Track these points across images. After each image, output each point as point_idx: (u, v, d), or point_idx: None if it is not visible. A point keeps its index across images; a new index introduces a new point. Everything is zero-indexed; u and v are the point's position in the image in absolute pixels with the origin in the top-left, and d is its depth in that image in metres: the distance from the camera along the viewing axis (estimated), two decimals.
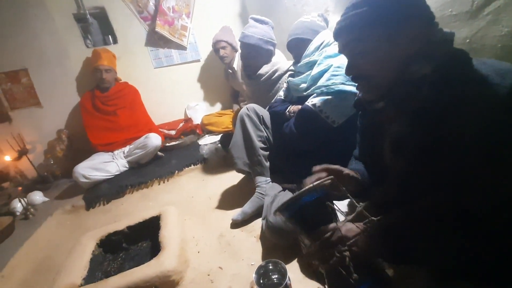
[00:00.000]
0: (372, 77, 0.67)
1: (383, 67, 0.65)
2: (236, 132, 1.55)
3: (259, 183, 1.50)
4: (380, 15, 0.61)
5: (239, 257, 1.26)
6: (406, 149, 0.62)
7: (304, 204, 0.62)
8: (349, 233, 0.62)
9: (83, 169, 2.11)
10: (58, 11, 2.45)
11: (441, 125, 0.54)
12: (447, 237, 0.53)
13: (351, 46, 0.68)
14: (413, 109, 0.60)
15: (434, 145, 0.56)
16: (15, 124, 2.48)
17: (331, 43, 1.36)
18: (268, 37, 1.69)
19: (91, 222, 1.84)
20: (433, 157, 0.56)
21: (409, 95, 0.60)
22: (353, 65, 0.70)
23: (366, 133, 0.83)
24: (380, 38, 0.62)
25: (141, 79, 2.77)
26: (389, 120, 0.69)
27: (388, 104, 0.67)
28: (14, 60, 2.39)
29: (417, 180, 0.60)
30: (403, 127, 0.63)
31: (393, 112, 0.66)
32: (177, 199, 1.90)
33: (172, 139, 2.78)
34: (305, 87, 1.35)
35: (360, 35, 0.65)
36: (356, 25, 0.65)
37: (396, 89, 0.63)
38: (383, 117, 0.70)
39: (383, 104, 0.68)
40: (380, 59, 0.64)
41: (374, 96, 0.70)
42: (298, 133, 1.31)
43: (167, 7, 2.72)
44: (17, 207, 1.97)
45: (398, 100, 0.63)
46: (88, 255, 1.34)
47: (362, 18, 0.63)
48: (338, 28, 0.69)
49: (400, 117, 0.65)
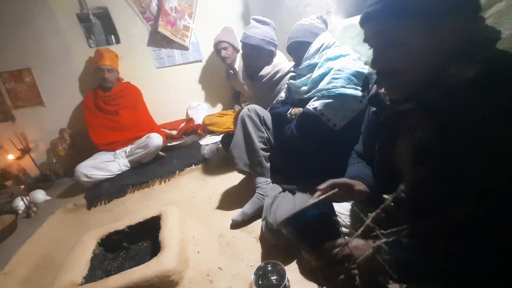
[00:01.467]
0: (402, 74, 0.58)
1: (417, 63, 0.56)
2: (237, 132, 1.56)
3: (259, 183, 1.51)
4: (423, 1, 0.52)
5: (238, 257, 1.26)
6: (429, 159, 0.55)
7: (308, 218, 0.59)
8: (356, 251, 0.56)
9: (85, 168, 2.12)
10: (61, 11, 2.47)
11: (480, 139, 0.47)
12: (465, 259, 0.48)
13: (385, 34, 0.57)
14: (446, 116, 0.52)
15: (465, 160, 0.49)
16: (18, 123, 2.50)
17: (331, 45, 1.36)
18: (270, 37, 1.69)
19: (93, 221, 1.85)
20: (461, 172, 0.49)
21: (444, 100, 0.52)
22: (382, 58, 0.60)
23: (379, 132, 0.75)
24: (420, 28, 0.53)
25: (143, 79, 2.79)
26: (414, 125, 0.61)
27: (416, 106, 0.58)
28: (17, 60, 2.41)
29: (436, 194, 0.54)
30: (430, 135, 0.56)
31: (421, 116, 0.58)
32: (177, 199, 1.91)
33: (173, 139, 2.79)
34: (306, 89, 1.35)
35: (396, 23, 0.54)
36: (393, 11, 0.54)
37: (428, 91, 0.55)
38: (408, 120, 0.62)
39: (410, 105, 0.60)
40: (416, 53, 0.55)
41: (401, 96, 0.61)
42: (300, 136, 1.32)
43: (170, 7, 2.73)
44: (19, 205, 1.99)
45: (430, 104, 0.55)
46: (89, 254, 1.35)
47: (401, 3, 0.53)
48: (369, 13, 0.58)
49: (428, 123, 0.56)
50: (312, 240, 0.60)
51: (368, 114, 0.83)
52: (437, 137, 0.54)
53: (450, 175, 0.51)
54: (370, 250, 0.55)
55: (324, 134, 1.26)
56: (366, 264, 0.55)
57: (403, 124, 0.65)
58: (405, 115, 0.62)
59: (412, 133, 0.62)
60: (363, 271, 0.54)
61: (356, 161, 0.89)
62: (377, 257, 0.54)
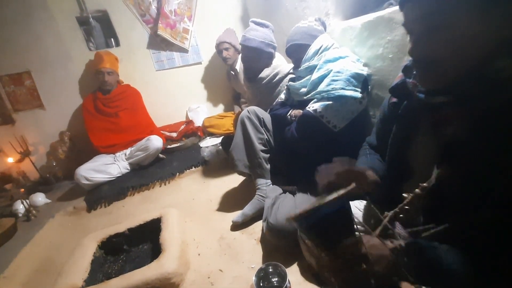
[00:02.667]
0: (444, 62, 0.52)
1: (463, 51, 0.50)
2: (237, 134, 1.56)
3: (259, 185, 1.51)
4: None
5: (239, 259, 1.26)
6: (460, 157, 0.52)
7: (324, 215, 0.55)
8: (373, 250, 0.53)
9: (85, 171, 2.12)
10: (61, 14, 2.47)
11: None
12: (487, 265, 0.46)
13: (428, 18, 0.52)
14: (488, 114, 0.48)
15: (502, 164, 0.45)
16: (18, 126, 2.50)
17: (330, 47, 1.37)
18: (269, 40, 1.70)
19: (93, 224, 1.85)
20: (493, 173, 0.46)
21: (487, 96, 0.48)
22: (424, 44, 0.54)
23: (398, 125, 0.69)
24: (470, 12, 0.48)
25: (143, 81, 2.79)
26: (444, 120, 0.56)
27: (452, 100, 0.53)
28: (17, 63, 2.41)
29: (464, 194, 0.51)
30: (464, 131, 0.51)
31: (457, 111, 0.53)
32: (178, 201, 1.91)
33: (173, 141, 2.80)
34: (305, 91, 1.36)
35: (445, 5, 0.49)
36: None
37: (470, 84, 0.50)
38: (441, 114, 0.57)
39: (444, 99, 0.55)
40: (462, 40, 0.49)
41: (437, 86, 0.56)
42: (300, 137, 1.32)
43: (169, 10, 2.74)
44: (19, 208, 1.99)
45: (470, 99, 0.50)
46: (89, 257, 1.34)
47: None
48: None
49: (464, 119, 0.52)
50: (326, 237, 0.57)
51: (385, 105, 0.78)
52: (472, 137, 0.50)
53: (482, 178, 0.48)
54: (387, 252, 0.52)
55: (324, 135, 1.27)
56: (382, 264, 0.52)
57: (429, 118, 0.60)
58: (435, 109, 0.57)
59: (439, 129, 0.58)
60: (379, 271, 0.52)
61: (368, 152, 0.84)
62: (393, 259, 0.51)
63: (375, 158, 0.82)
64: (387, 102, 0.77)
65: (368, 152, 0.86)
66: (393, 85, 0.69)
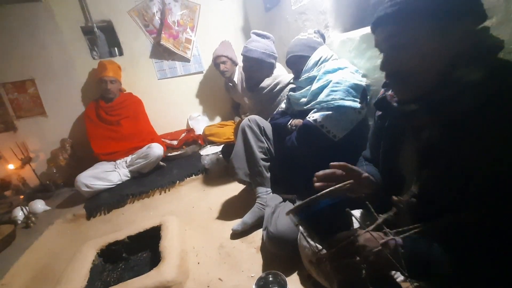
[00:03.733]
0: (412, 75, 0.60)
1: (426, 64, 0.58)
2: (237, 142, 1.58)
3: (259, 193, 1.52)
4: (435, 4, 0.55)
5: (239, 268, 1.26)
6: (436, 159, 0.58)
7: (321, 207, 0.58)
8: (368, 243, 0.56)
9: (85, 178, 2.13)
10: (66, 24, 2.53)
11: (485, 140, 0.50)
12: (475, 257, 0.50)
13: (396, 37, 0.60)
14: (453, 117, 0.54)
15: (471, 159, 0.51)
16: (20, 133, 2.52)
17: (329, 59, 1.40)
18: (270, 50, 1.74)
19: (92, 232, 1.84)
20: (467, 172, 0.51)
21: (451, 101, 0.54)
22: (393, 60, 0.62)
23: (385, 135, 0.76)
24: (431, 30, 0.56)
25: (145, 89, 2.83)
26: (420, 125, 0.63)
27: (423, 107, 0.60)
28: (22, 71, 2.45)
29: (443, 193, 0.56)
30: (436, 135, 0.58)
31: (427, 117, 0.60)
32: (178, 209, 1.91)
33: (174, 149, 2.81)
34: (305, 101, 1.38)
35: (409, 25, 0.57)
36: (406, 13, 0.57)
37: (436, 92, 0.57)
38: (414, 121, 0.64)
39: (416, 106, 0.62)
40: (426, 54, 0.57)
41: (409, 96, 0.63)
42: (300, 147, 1.34)
43: (172, 21, 2.80)
44: (18, 215, 1.98)
45: (437, 105, 0.57)
46: (88, 265, 1.34)
47: (415, 6, 0.56)
48: (383, 16, 0.61)
49: (434, 123, 0.59)
50: (323, 229, 0.60)
51: (374, 119, 0.84)
52: (443, 138, 0.56)
53: (457, 175, 0.53)
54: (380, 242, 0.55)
55: (324, 145, 1.28)
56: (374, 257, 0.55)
57: (409, 126, 0.66)
58: (411, 117, 0.64)
59: (418, 134, 0.63)
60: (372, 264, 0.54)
61: (364, 164, 0.89)
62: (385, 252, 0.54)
63: (372, 168, 0.85)
64: (375, 116, 0.83)
65: (364, 164, 0.89)
66: (376, 99, 0.76)
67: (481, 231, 0.50)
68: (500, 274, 0.48)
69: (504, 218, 0.48)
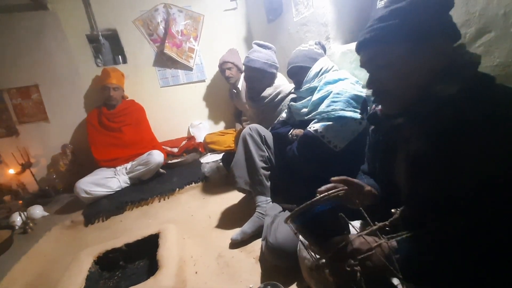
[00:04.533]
0: (394, 91, 0.66)
1: (407, 81, 0.64)
2: (238, 151, 1.58)
3: (259, 202, 1.51)
4: (409, 29, 0.61)
5: (237, 279, 1.24)
6: (423, 169, 0.61)
7: (317, 213, 0.60)
8: (362, 246, 0.58)
9: (85, 184, 2.12)
10: (72, 32, 2.58)
11: (464, 147, 0.53)
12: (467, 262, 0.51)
13: (376, 59, 0.67)
14: (435, 128, 0.58)
15: (454, 167, 0.54)
16: (21, 137, 2.53)
17: (330, 70, 1.42)
18: (272, 61, 1.76)
19: (89, 239, 1.82)
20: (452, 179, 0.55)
21: (432, 114, 0.59)
22: (376, 79, 0.69)
23: (379, 148, 0.80)
24: (407, 52, 0.62)
25: (147, 97, 2.86)
26: (406, 137, 0.67)
27: (407, 120, 0.66)
28: (26, 76, 2.48)
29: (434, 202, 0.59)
30: (421, 146, 0.61)
31: (412, 129, 0.65)
32: (177, 217, 1.89)
33: (174, 157, 2.81)
34: (306, 111, 1.39)
35: (387, 48, 0.64)
36: (383, 38, 0.64)
37: (418, 106, 0.62)
38: (401, 133, 0.69)
39: (402, 120, 0.67)
40: (405, 73, 0.63)
41: (394, 111, 0.69)
42: (301, 157, 1.34)
43: (176, 30, 2.86)
44: (16, 220, 1.97)
45: (420, 118, 0.62)
46: (85, 272, 1.32)
47: (390, 31, 0.62)
48: (363, 40, 0.68)
49: (419, 135, 0.63)
50: (319, 234, 0.61)
51: (369, 133, 0.87)
52: (427, 147, 0.60)
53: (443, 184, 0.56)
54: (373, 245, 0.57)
55: (325, 155, 1.29)
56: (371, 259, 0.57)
57: (399, 138, 0.70)
58: (398, 129, 0.69)
59: (406, 146, 0.67)
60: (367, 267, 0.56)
61: (364, 177, 0.91)
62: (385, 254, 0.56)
63: (371, 180, 0.87)
64: (370, 130, 0.87)
65: (364, 177, 0.91)
66: (368, 114, 0.82)
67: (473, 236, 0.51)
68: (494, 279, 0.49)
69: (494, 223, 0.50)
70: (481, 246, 0.51)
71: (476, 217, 0.52)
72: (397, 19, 0.61)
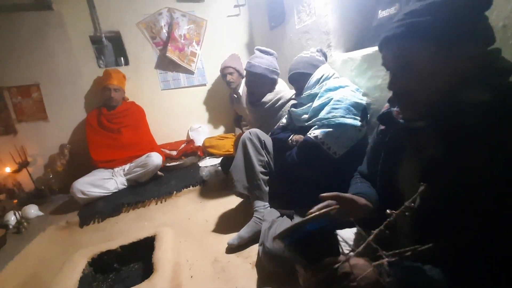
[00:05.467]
0: (418, 93, 0.61)
1: (433, 84, 0.59)
2: (237, 155, 1.58)
3: (257, 207, 1.50)
4: (442, 28, 0.55)
5: (233, 284, 1.22)
6: (437, 177, 0.56)
7: (307, 232, 0.57)
8: (356, 269, 0.54)
9: (82, 185, 2.11)
10: (76, 32, 2.59)
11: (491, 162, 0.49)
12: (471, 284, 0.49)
13: (403, 57, 0.61)
14: (460, 136, 0.54)
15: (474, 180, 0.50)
16: (20, 136, 2.51)
17: (331, 77, 1.43)
18: (273, 67, 1.78)
19: (84, 240, 1.80)
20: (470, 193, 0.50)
21: (459, 121, 0.54)
22: (400, 79, 0.63)
23: (386, 150, 0.75)
24: (438, 52, 0.57)
25: (148, 99, 2.86)
26: (422, 144, 0.63)
27: (427, 126, 0.61)
28: (27, 75, 2.48)
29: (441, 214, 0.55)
30: (440, 153, 0.57)
31: (430, 136, 0.60)
32: (173, 220, 1.88)
33: (172, 160, 2.80)
34: (306, 118, 1.40)
35: (416, 46, 0.58)
36: (413, 35, 0.58)
37: (441, 113, 0.58)
38: (415, 139, 0.64)
39: (423, 123, 0.62)
40: (432, 74, 0.58)
41: (415, 115, 0.64)
42: (300, 163, 1.35)
43: (179, 34, 2.88)
44: (10, 220, 1.94)
45: (444, 124, 0.57)
46: (78, 274, 1.30)
47: (422, 28, 0.57)
48: (391, 36, 0.62)
49: (439, 144, 0.58)
50: (310, 254, 0.58)
51: (374, 134, 0.84)
52: (447, 157, 0.55)
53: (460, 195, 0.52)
54: (370, 271, 0.53)
55: (324, 161, 1.29)
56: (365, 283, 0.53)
57: (413, 142, 0.66)
58: (416, 134, 0.64)
59: (420, 151, 0.63)
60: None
61: (359, 181, 0.88)
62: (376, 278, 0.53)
63: (365, 185, 0.84)
64: (375, 132, 0.83)
65: (359, 181, 0.89)
66: (380, 113, 0.76)
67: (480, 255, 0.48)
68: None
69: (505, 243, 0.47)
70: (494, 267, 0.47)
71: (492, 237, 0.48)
72: (431, 15, 0.56)
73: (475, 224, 0.50)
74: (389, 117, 0.73)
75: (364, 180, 0.89)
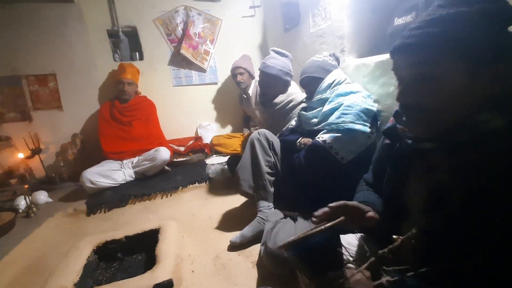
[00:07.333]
0: (432, 111, 0.54)
1: (451, 102, 0.52)
2: (245, 154, 1.59)
3: (261, 207, 1.51)
4: (470, 41, 0.48)
5: (233, 282, 1.23)
6: (448, 204, 0.52)
7: (311, 244, 0.56)
8: (357, 286, 0.53)
9: (91, 174, 2.15)
10: (94, 25, 2.66)
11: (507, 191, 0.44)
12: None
13: (419, 67, 0.53)
14: (472, 164, 0.49)
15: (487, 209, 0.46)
16: (34, 123, 2.59)
17: (342, 82, 1.43)
18: (287, 68, 1.79)
19: (90, 228, 1.84)
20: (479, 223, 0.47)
21: (472, 147, 0.49)
22: (412, 91, 0.56)
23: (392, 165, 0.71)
24: (461, 68, 0.50)
25: (160, 94, 2.91)
26: (431, 165, 0.57)
27: (439, 148, 0.55)
28: (45, 65, 2.56)
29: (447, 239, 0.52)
30: (450, 179, 0.52)
31: (441, 159, 0.55)
32: (177, 215, 1.90)
33: (180, 155, 2.83)
34: (316, 121, 1.40)
35: (436, 59, 0.51)
36: (434, 45, 0.50)
37: (455, 134, 0.52)
38: (424, 159, 0.59)
39: (432, 146, 0.57)
40: (451, 92, 0.51)
41: (424, 134, 0.58)
42: (307, 166, 1.34)
43: (194, 32, 2.92)
44: (20, 204, 2.00)
45: (456, 148, 0.52)
46: (83, 261, 1.33)
47: (445, 39, 0.50)
48: (407, 43, 0.55)
49: (450, 166, 0.53)
50: (313, 267, 0.58)
51: (380, 145, 0.81)
52: (456, 181, 0.51)
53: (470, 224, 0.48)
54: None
55: (331, 166, 1.29)
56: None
57: (418, 163, 0.62)
58: (423, 154, 0.59)
59: (427, 174, 0.59)
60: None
61: (365, 189, 0.86)
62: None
63: (371, 193, 0.82)
64: (381, 143, 0.80)
65: (365, 189, 0.87)
66: (385, 127, 0.72)
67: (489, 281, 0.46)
68: None
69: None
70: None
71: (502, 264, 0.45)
72: (456, 24, 0.49)
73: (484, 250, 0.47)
74: (394, 132, 0.68)
75: (369, 188, 0.87)
